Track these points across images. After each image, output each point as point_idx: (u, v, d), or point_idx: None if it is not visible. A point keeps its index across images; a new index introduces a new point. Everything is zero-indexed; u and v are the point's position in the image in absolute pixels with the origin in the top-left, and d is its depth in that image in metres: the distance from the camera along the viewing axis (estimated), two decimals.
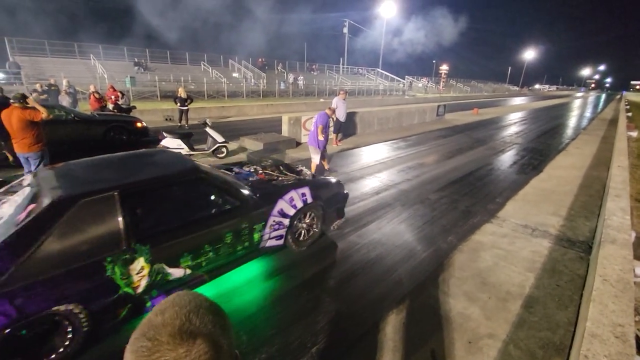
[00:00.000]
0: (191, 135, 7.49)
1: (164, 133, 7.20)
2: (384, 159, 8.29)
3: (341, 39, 41.68)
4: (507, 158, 8.89)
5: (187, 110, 11.67)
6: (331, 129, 9.12)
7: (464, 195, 5.71)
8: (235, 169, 4.12)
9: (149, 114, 13.67)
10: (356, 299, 3.00)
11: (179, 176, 2.86)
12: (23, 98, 4.58)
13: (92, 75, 20.48)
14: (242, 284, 3.18)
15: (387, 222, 4.56)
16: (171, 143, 7.05)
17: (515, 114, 21.84)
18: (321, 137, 5.98)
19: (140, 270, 2.45)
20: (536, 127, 15.58)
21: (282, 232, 3.48)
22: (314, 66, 40.19)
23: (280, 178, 3.92)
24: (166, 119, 11.30)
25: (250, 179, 3.75)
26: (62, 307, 2.13)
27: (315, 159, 6.23)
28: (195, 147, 7.54)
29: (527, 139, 12.05)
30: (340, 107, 9.46)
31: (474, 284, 3.22)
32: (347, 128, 10.88)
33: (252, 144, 8.73)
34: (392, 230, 4.35)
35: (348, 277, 3.33)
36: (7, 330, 1.99)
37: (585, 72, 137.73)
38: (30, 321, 2.07)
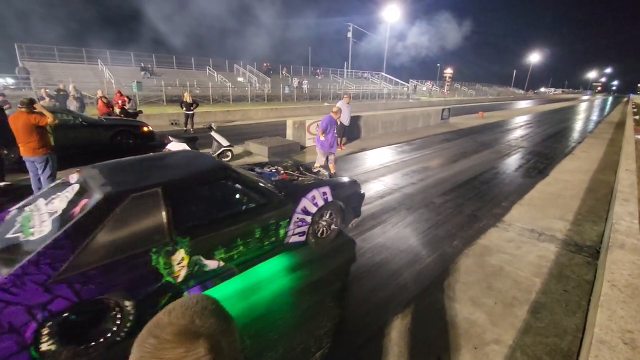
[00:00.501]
0: (196, 139, 7.54)
1: (169, 137, 7.27)
2: (389, 162, 8.28)
3: (345, 44, 41.92)
4: (512, 162, 8.84)
5: (193, 114, 11.78)
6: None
7: (469, 199, 5.68)
8: (257, 170, 4.28)
9: (155, 118, 13.82)
10: (361, 303, 2.99)
11: (213, 174, 3.09)
12: (30, 103, 4.66)
13: (99, 80, 20.80)
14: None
15: (392, 226, 4.55)
16: (177, 147, 7.10)
17: (520, 117, 21.71)
18: (322, 138, 6.11)
19: (180, 261, 2.63)
20: (542, 131, 15.47)
21: (305, 228, 3.66)
22: (318, 70, 40.38)
23: (300, 178, 4.12)
24: (172, 123, 11.41)
25: (273, 178, 3.95)
26: (113, 294, 2.31)
27: (320, 160, 6.30)
28: (201, 150, 7.59)
29: (533, 143, 11.96)
30: (344, 111, 9.47)
31: (480, 289, 3.19)
32: (351, 132, 10.89)
33: (257, 148, 8.77)
34: (397, 234, 4.34)
35: (353, 280, 3.33)
36: (65, 314, 2.17)
37: (592, 75, 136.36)
38: (86, 306, 2.25)
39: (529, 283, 3.32)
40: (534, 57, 77.97)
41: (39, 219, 2.49)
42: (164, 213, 2.55)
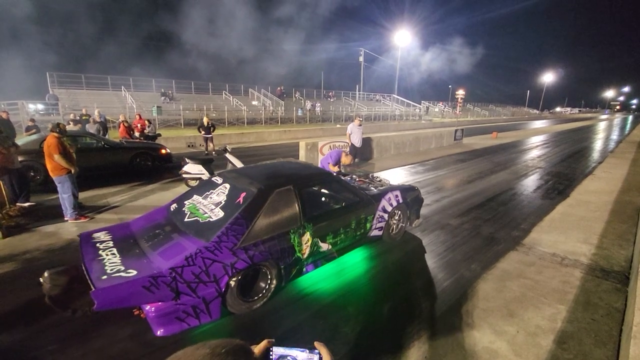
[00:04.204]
0: (212, 161, 7.71)
1: (186, 159, 7.47)
2: (402, 183, 8.19)
3: (357, 67, 42.87)
4: (530, 182, 8.62)
5: (212, 137, 12.14)
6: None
7: (486, 221, 5.53)
8: None
9: (173, 141, 14.28)
10: (376, 328, 2.89)
11: (323, 177, 4.01)
12: (55, 127, 5.04)
13: (122, 106, 21.82)
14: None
15: None
16: (193, 169, 7.27)
17: (536, 137, 21.36)
18: (335, 169, 6.41)
19: (307, 242, 3.34)
20: (560, 151, 15.14)
21: (382, 224, 4.31)
22: (330, 93, 41.21)
23: (370, 185, 4.81)
24: (188, 146, 11.78)
25: (353, 183, 4.73)
26: (269, 261, 3.03)
27: None
28: (216, 172, 7.74)
29: (551, 163, 11.69)
30: (355, 133, 9.59)
31: (501, 316, 3.04)
32: (363, 153, 10.94)
33: None
34: None
35: (370, 304, 3.23)
36: (239, 277, 2.82)
37: (609, 93, 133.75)
38: (253, 268, 2.94)
39: (553, 310, 3.14)
40: (548, 77, 77.55)
41: (208, 208, 3.27)
42: (296, 204, 3.28)
